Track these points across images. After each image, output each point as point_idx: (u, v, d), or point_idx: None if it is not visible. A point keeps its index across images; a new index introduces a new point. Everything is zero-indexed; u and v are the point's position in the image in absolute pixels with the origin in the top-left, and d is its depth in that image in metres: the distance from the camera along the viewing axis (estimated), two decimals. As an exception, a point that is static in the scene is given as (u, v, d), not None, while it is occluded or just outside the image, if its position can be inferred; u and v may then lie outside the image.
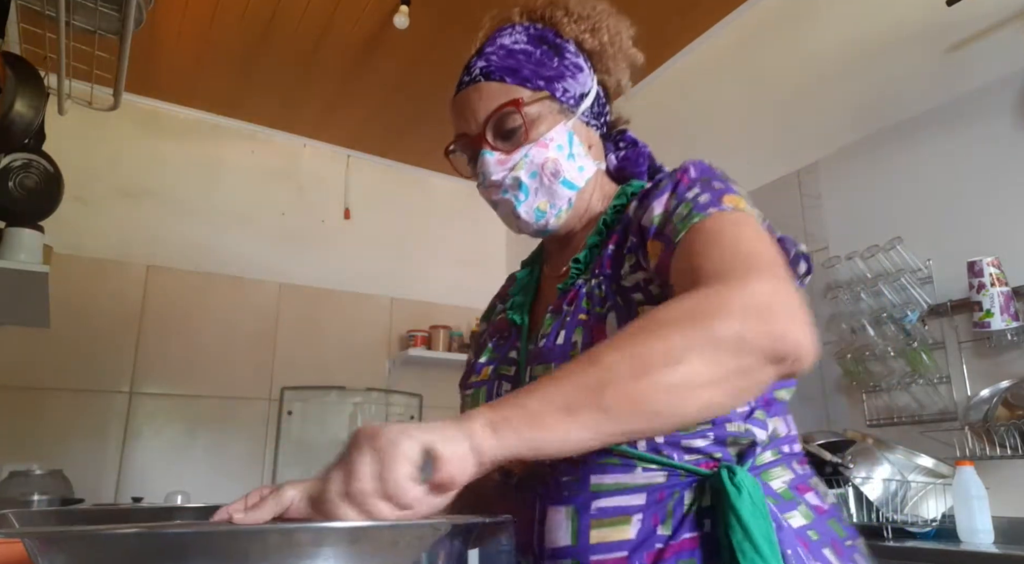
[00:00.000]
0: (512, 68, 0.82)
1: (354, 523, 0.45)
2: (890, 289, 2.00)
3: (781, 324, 0.56)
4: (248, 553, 0.41)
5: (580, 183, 0.84)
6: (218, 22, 2.79)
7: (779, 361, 0.56)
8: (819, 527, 0.71)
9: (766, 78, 2.62)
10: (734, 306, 0.56)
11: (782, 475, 0.73)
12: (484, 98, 0.82)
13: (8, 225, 1.84)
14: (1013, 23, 1.86)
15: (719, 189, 0.72)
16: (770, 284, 0.58)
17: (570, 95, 0.84)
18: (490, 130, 0.82)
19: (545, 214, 0.84)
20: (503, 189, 0.83)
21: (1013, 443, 1.61)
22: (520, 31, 0.87)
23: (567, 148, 0.83)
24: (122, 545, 0.43)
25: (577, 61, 0.86)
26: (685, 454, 0.69)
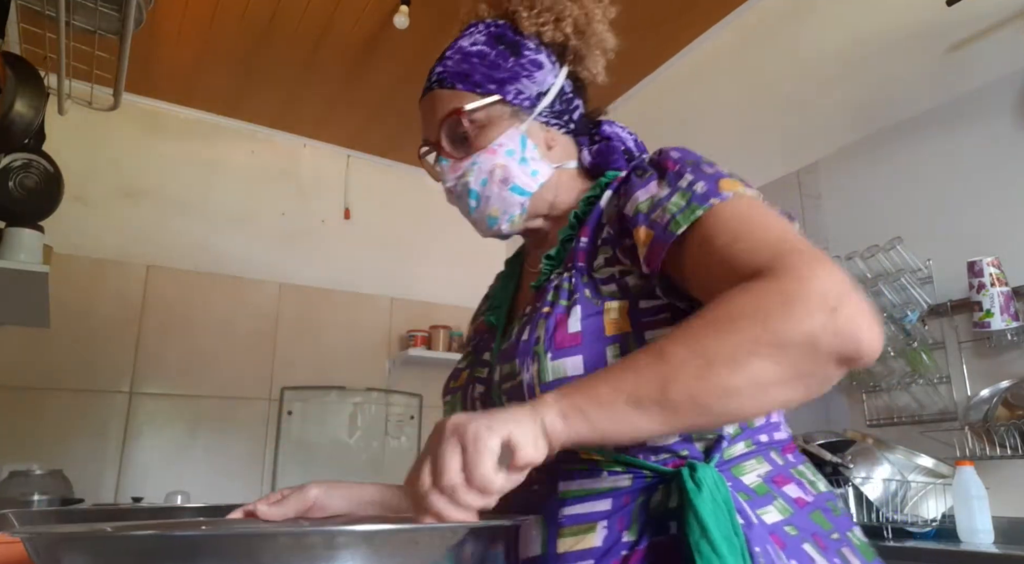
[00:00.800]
0: (464, 73, 0.81)
1: (372, 526, 0.45)
2: (890, 289, 2.00)
3: (853, 322, 0.55)
4: (265, 555, 0.41)
5: (532, 188, 0.82)
6: (218, 22, 2.79)
7: (848, 360, 0.56)
8: (799, 521, 0.67)
9: (766, 78, 2.61)
10: (804, 303, 0.55)
11: (757, 468, 0.69)
12: (437, 106, 0.82)
13: (8, 225, 1.84)
14: (1013, 23, 1.86)
15: (712, 174, 0.69)
16: (831, 276, 0.57)
17: (524, 96, 0.82)
18: (444, 137, 0.82)
19: (498, 220, 0.83)
20: (456, 195, 0.84)
21: (1013, 443, 1.61)
22: (481, 31, 0.85)
23: (519, 152, 0.81)
24: (141, 546, 0.43)
25: (537, 58, 0.84)
26: (652, 454, 0.68)
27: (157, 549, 0.42)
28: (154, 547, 0.42)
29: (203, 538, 0.43)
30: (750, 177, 2.54)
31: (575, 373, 0.67)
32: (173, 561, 0.41)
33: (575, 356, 0.68)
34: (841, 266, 0.67)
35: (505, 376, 0.74)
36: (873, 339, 0.55)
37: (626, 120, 0.82)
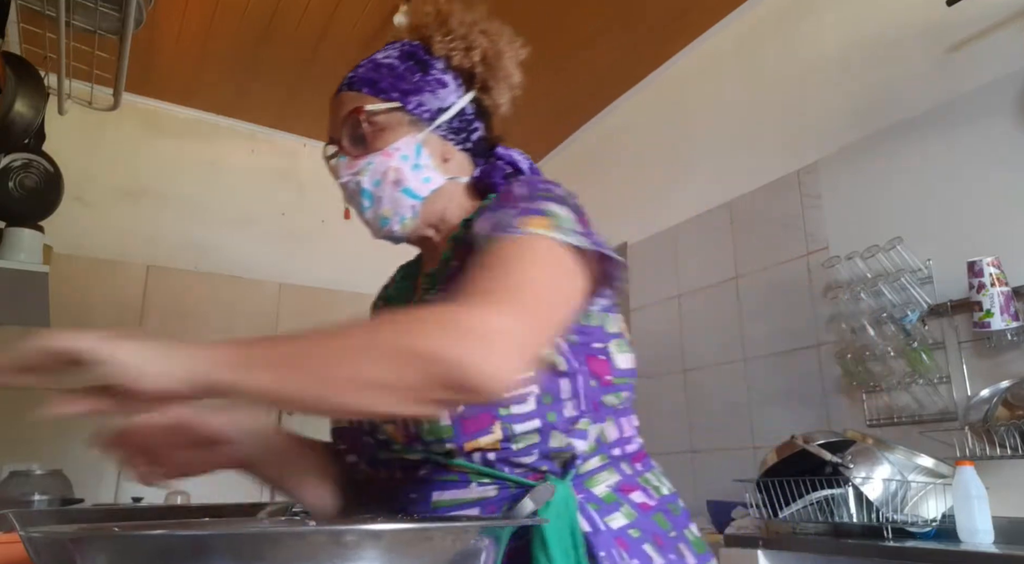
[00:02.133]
0: (372, 80, 0.87)
1: (395, 525, 0.45)
2: (890, 289, 2.00)
3: (472, 354, 0.57)
4: (273, 554, 0.41)
5: (424, 193, 0.86)
6: (218, 22, 2.79)
7: (453, 388, 0.58)
8: (642, 524, 0.75)
9: (766, 78, 2.62)
10: (438, 327, 0.58)
11: (607, 479, 0.77)
12: (341, 106, 0.87)
13: (8, 225, 1.85)
14: (1013, 23, 1.86)
15: (528, 210, 0.72)
16: (495, 313, 0.60)
17: (425, 109, 0.87)
18: (345, 136, 0.87)
19: (389, 220, 0.87)
20: (349, 194, 0.88)
21: (1013, 443, 1.61)
22: (395, 47, 0.91)
23: (413, 158, 0.86)
24: (152, 546, 0.43)
25: (442, 77, 0.89)
26: (515, 468, 0.73)
27: (166, 549, 0.42)
28: (164, 547, 0.42)
29: (211, 538, 0.43)
30: (750, 177, 2.54)
31: None
32: (180, 561, 0.41)
33: None
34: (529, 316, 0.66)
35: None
36: (487, 373, 0.57)
37: (626, 119, 0.83)
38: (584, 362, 0.77)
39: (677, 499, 0.83)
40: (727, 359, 2.57)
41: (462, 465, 0.73)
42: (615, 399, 0.80)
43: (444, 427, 0.70)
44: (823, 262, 2.22)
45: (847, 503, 1.72)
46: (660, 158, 3.10)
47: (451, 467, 0.73)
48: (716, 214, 2.73)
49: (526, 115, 3.72)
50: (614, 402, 0.80)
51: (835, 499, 1.73)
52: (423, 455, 0.74)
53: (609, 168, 3.42)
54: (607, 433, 0.79)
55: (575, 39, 2.88)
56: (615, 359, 0.80)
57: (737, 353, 2.54)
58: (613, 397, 0.80)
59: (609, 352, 0.80)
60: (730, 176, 2.69)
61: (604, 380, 0.79)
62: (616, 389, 0.80)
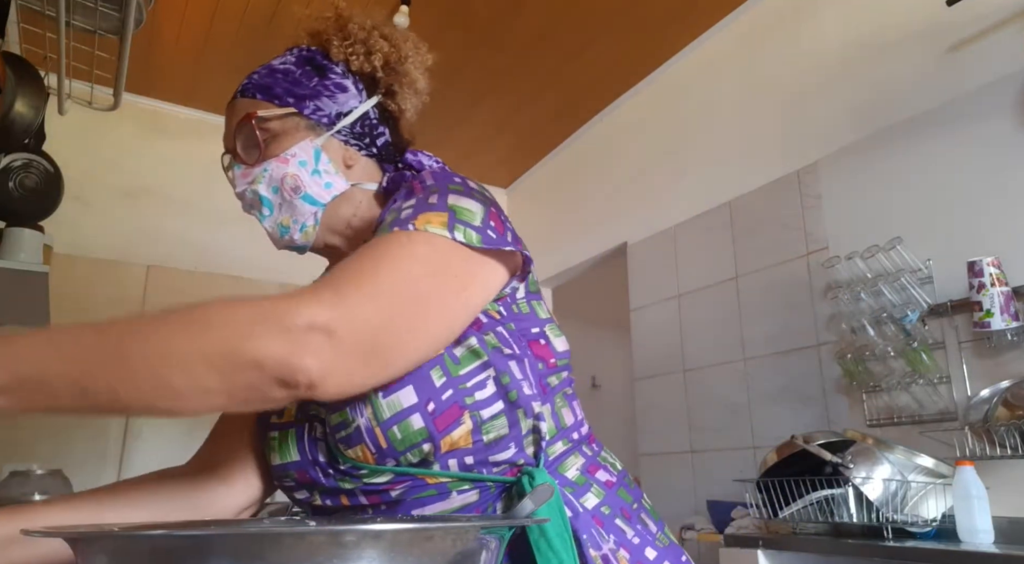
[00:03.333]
0: (265, 86, 0.85)
1: (395, 525, 0.45)
2: (890, 289, 2.00)
3: (282, 349, 0.55)
4: (274, 555, 0.41)
5: (325, 199, 0.84)
6: (218, 22, 2.79)
7: (275, 387, 0.57)
8: (610, 500, 0.79)
9: (766, 78, 2.62)
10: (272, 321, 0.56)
11: (575, 462, 0.79)
12: (235, 114, 0.86)
13: (8, 225, 1.84)
14: (1013, 23, 1.86)
15: (429, 205, 0.71)
16: (314, 306, 0.58)
17: (323, 113, 0.85)
18: (239, 144, 0.85)
19: (289, 229, 0.85)
20: (247, 203, 0.86)
21: (1013, 443, 1.61)
22: (293, 53, 0.89)
23: (311, 164, 0.83)
24: (154, 546, 0.43)
25: (342, 82, 0.87)
26: (493, 467, 0.73)
27: (166, 549, 0.42)
28: (164, 547, 0.42)
29: (211, 537, 0.43)
30: (750, 177, 2.54)
31: (411, 403, 0.68)
32: (180, 561, 0.41)
33: (406, 387, 0.69)
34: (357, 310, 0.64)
35: (336, 426, 0.72)
36: (314, 376, 0.56)
37: (627, 119, 0.82)
38: (526, 347, 0.77)
39: (627, 473, 0.86)
40: (727, 359, 2.58)
41: (440, 474, 0.71)
42: (556, 379, 0.81)
43: (417, 431, 0.68)
44: (823, 262, 2.22)
45: (847, 503, 1.72)
46: (660, 158, 3.10)
47: (427, 480, 0.71)
48: (716, 214, 2.73)
49: (527, 115, 3.72)
50: (556, 383, 0.81)
51: (835, 499, 1.73)
52: (394, 473, 0.71)
53: (609, 168, 3.42)
54: (564, 417, 0.81)
55: (576, 39, 2.88)
56: (553, 342, 0.81)
57: (737, 353, 2.54)
58: (555, 378, 0.81)
59: (547, 335, 0.81)
60: (730, 176, 2.69)
61: (548, 363, 0.80)
62: (558, 371, 0.81)
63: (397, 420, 0.68)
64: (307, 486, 0.79)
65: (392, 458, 0.70)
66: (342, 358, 0.58)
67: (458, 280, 0.69)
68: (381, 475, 0.72)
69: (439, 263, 0.68)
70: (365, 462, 0.71)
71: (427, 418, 0.68)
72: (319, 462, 0.76)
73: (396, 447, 0.69)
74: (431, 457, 0.70)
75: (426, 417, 0.68)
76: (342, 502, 0.77)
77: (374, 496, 0.74)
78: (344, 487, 0.75)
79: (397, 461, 0.70)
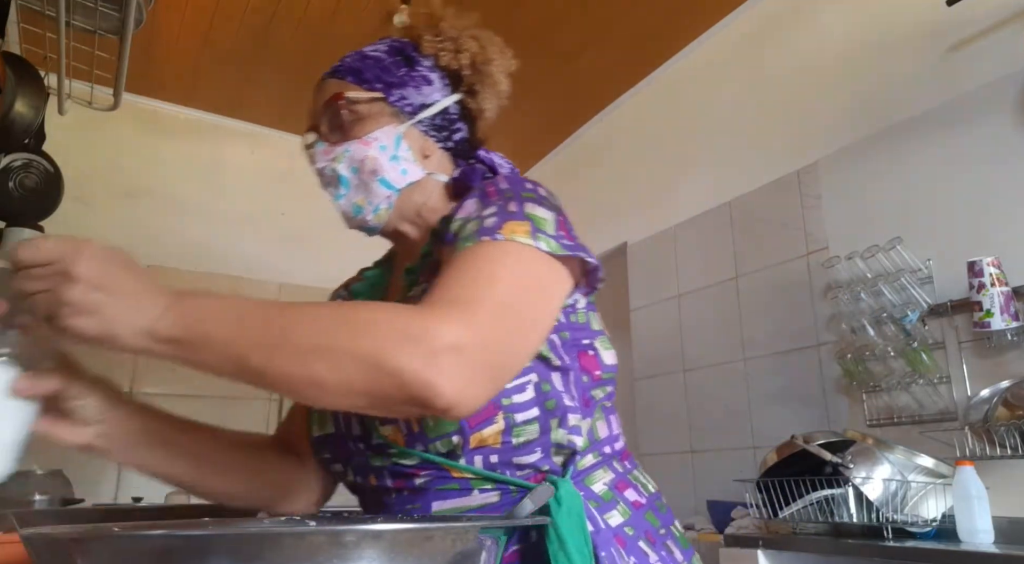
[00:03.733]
0: (356, 69, 0.88)
1: (395, 525, 0.45)
2: (890, 289, 2.00)
3: (417, 369, 0.57)
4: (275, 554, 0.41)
5: (400, 184, 0.86)
6: (218, 22, 2.79)
7: (399, 400, 0.59)
8: (635, 522, 0.77)
9: (766, 78, 2.62)
10: (391, 334, 0.58)
11: (604, 477, 0.78)
12: (323, 93, 0.88)
13: (8, 225, 1.85)
14: (1013, 23, 1.86)
15: (510, 212, 0.72)
16: (450, 325, 0.59)
17: (408, 102, 0.87)
18: (324, 123, 0.87)
19: (363, 209, 0.87)
20: (325, 181, 0.87)
21: (1013, 443, 1.61)
22: (385, 42, 0.92)
23: (391, 149, 0.85)
24: (154, 546, 0.43)
25: (428, 75, 0.90)
26: (517, 470, 0.73)
27: (166, 549, 0.42)
28: (164, 547, 0.42)
29: (211, 537, 0.43)
30: (750, 177, 2.54)
31: None
32: (180, 561, 0.41)
33: None
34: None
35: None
36: (448, 397, 0.58)
37: (627, 120, 0.83)
38: (576, 358, 0.78)
39: (661, 497, 0.84)
40: (727, 359, 2.57)
41: (464, 470, 0.72)
42: (601, 393, 0.81)
43: (450, 422, 0.70)
44: (823, 262, 2.22)
45: (847, 503, 1.72)
46: (660, 158, 3.10)
47: (451, 473, 0.73)
48: (716, 214, 2.73)
49: (528, 114, 3.73)
50: (600, 396, 0.81)
51: (835, 499, 1.73)
52: (421, 459, 0.73)
53: (609, 168, 3.42)
54: (598, 430, 0.81)
55: (576, 39, 2.88)
56: (602, 355, 0.81)
57: (737, 353, 2.54)
58: (600, 391, 0.81)
59: (596, 348, 0.81)
60: (730, 176, 2.69)
61: (594, 376, 0.80)
62: (603, 384, 0.82)
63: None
64: (341, 460, 0.82)
65: (421, 444, 0.72)
66: (474, 381, 0.60)
67: (547, 291, 0.71)
68: (409, 458, 0.74)
69: (532, 275, 0.69)
70: (395, 442, 0.73)
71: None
72: (353, 435, 0.79)
73: (427, 434, 0.71)
74: (458, 450, 0.71)
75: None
76: (370, 481, 0.79)
77: (400, 479, 0.76)
78: (374, 464, 0.77)
79: (425, 447, 0.72)
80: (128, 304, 0.58)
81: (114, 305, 0.58)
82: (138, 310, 0.58)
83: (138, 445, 0.78)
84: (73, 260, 0.57)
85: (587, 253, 0.74)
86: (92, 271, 0.57)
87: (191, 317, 0.59)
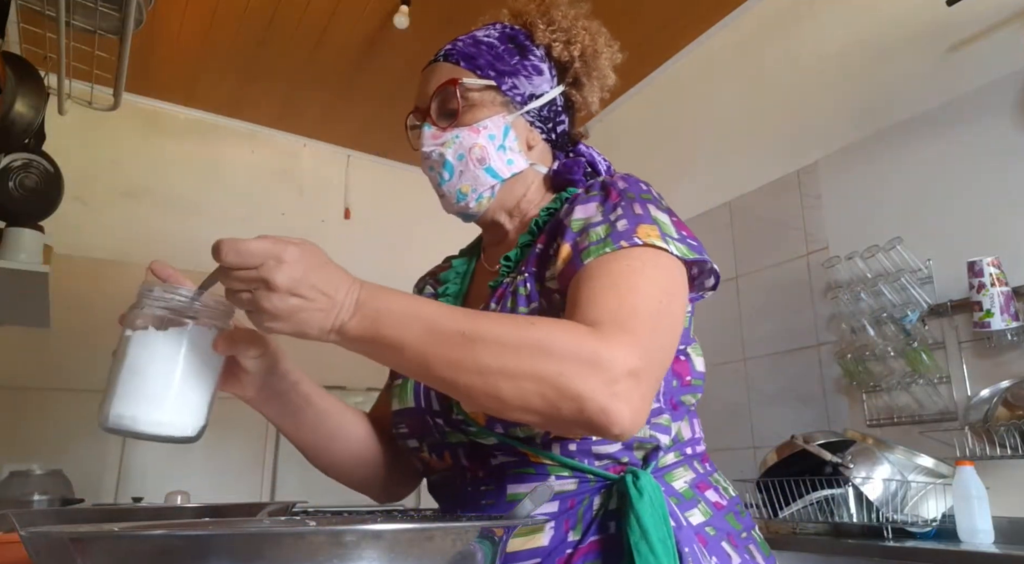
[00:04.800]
0: (470, 55, 0.87)
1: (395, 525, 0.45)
2: (890, 289, 2.00)
3: (619, 403, 0.59)
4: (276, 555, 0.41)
5: (505, 174, 0.86)
6: (218, 22, 2.79)
7: (596, 431, 0.61)
8: (717, 522, 0.76)
9: (766, 78, 2.62)
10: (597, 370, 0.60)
11: (684, 475, 0.78)
12: (436, 76, 0.87)
13: (8, 225, 1.84)
14: (1013, 23, 1.86)
15: (638, 215, 0.73)
16: (627, 352, 0.61)
17: (518, 92, 0.87)
18: (434, 106, 0.86)
19: (466, 196, 0.86)
20: (430, 164, 0.87)
21: (1013, 443, 1.61)
22: (496, 28, 0.91)
23: (499, 139, 0.85)
24: (154, 546, 0.43)
25: (540, 65, 0.89)
26: (596, 460, 0.73)
27: (166, 549, 0.42)
28: (164, 547, 0.42)
29: (211, 538, 0.43)
30: (750, 177, 2.53)
31: None
32: (180, 561, 0.41)
33: None
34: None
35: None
36: (625, 425, 0.60)
37: (627, 119, 0.83)
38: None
39: (741, 501, 0.84)
40: (727, 359, 2.58)
41: (543, 455, 0.72)
42: (692, 399, 0.82)
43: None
44: (823, 262, 2.22)
45: (847, 503, 1.72)
46: (660, 158, 3.10)
47: (529, 457, 0.73)
48: (716, 214, 2.73)
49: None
50: (691, 402, 0.82)
51: (835, 499, 1.73)
52: (499, 440, 0.73)
53: (609, 168, 3.42)
54: (683, 432, 0.81)
55: (575, 39, 2.88)
56: (694, 361, 0.83)
57: (737, 353, 2.54)
58: (691, 396, 0.82)
59: (689, 354, 0.83)
60: (730, 176, 2.69)
61: (684, 380, 0.81)
62: (693, 390, 0.83)
63: None
64: (417, 435, 0.82)
65: (501, 425, 0.72)
66: (645, 405, 0.62)
67: (681, 297, 0.72)
68: (487, 437, 0.74)
69: (670, 281, 0.71)
70: (475, 421, 0.73)
71: None
72: (432, 410, 0.78)
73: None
74: (538, 437, 0.71)
75: None
76: (444, 459, 0.80)
77: (475, 459, 0.76)
78: (450, 441, 0.77)
79: (505, 430, 0.72)
80: (319, 307, 0.60)
81: (306, 311, 0.60)
82: (327, 314, 0.61)
83: (276, 407, 0.82)
84: (274, 269, 0.58)
85: (707, 255, 0.76)
86: (290, 280, 0.59)
87: (377, 321, 0.61)
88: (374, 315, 0.62)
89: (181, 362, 0.67)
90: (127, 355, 0.67)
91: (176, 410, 0.66)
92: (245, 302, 0.61)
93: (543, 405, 0.60)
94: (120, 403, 0.64)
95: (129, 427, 0.63)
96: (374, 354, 0.63)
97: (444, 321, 0.62)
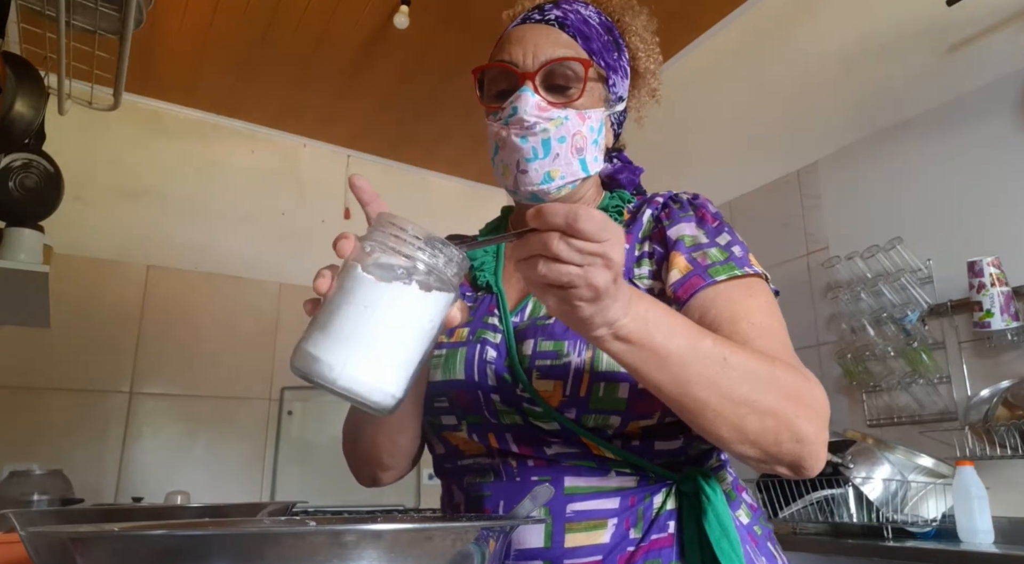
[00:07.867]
0: (586, 35, 0.80)
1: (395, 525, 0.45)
2: (890, 289, 2.00)
3: (816, 441, 0.63)
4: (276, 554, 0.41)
5: (592, 171, 0.81)
6: (218, 22, 2.79)
7: (793, 470, 0.65)
8: (758, 523, 0.78)
9: (766, 78, 2.62)
10: (821, 417, 0.64)
11: (727, 477, 0.79)
12: (553, 42, 0.78)
13: (8, 225, 1.84)
14: (1013, 23, 1.86)
15: (740, 241, 0.79)
16: (820, 395, 0.66)
17: (615, 90, 0.84)
18: (544, 74, 0.77)
19: (552, 181, 0.77)
20: (525, 135, 0.76)
21: (1013, 443, 1.61)
22: (592, 11, 0.84)
23: (595, 133, 0.81)
24: (154, 546, 0.43)
25: (627, 68, 0.87)
26: (656, 458, 0.73)
27: (166, 549, 0.42)
28: (164, 547, 0.42)
29: (211, 538, 0.43)
30: (750, 177, 2.53)
31: (622, 369, 0.66)
32: (180, 561, 0.41)
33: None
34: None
35: (543, 352, 0.71)
36: (817, 464, 0.65)
37: (626, 120, 0.83)
38: None
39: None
40: (727, 359, 2.57)
41: (607, 448, 0.70)
42: None
43: (618, 399, 0.69)
44: (823, 262, 2.22)
45: (847, 503, 1.72)
46: (659, 158, 3.10)
47: (592, 449, 0.70)
48: (716, 214, 2.73)
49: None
50: None
51: (835, 499, 1.73)
52: (562, 426, 0.70)
53: (609, 168, 3.42)
54: None
55: (575, 39, 2.88)
56: None
57: (737, 353, 2.54)
58: None
59: None
60: (730, 176, 2.69)
61: None
62: None
63: (608, 379, 0.69)
64: (459, 411, 0.75)
65: (575, 410, 0.69)
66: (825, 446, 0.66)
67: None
68: (549, 422, 0.70)
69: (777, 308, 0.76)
70: (547, 401, 0.70)
71: (633, 394, 0.69)
72: (486, 385, 0.73)
73: (590, 403, 0.69)
74: (608, 430, 0.70)
75: (633, 393, 0.69)
76: (490, 442, 0.73)
77: (528, 445, 0.72)
78: (502, 421, 0.72)
79: (576, 418, 0.69)
80: (617, 296, 0.54)
81: (613, 297, 0.54)
82: (617, 306, 0.55)
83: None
84: (614, 246, 0.52)
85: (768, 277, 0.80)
86: (621, 261, 0.53)
87: (648, 324, 0.58)
88: (644, 318, 0.57)
89: (421, 327, 0.54)
90: (358, 297, 0.54)
91: (390, 377, 0.54)
92: (567, 275, 0.51)
93: (772, 442, 0.61)
94: (327, 348, 0.53)
95: (326, 377, 0.52)
96: (633, 359, 0.58)
97: (705, 340, 0.60)
